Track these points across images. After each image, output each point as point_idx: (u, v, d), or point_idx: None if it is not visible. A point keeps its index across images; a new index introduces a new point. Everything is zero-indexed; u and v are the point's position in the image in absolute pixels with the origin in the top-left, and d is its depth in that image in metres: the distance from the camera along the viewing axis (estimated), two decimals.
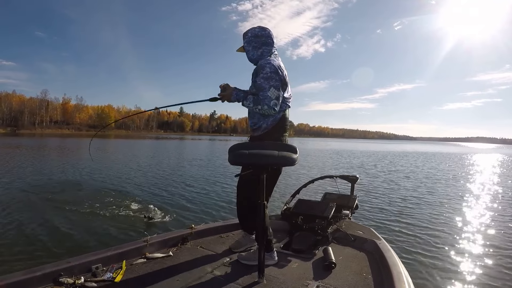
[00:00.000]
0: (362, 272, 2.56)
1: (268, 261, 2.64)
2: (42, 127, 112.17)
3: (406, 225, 6.96)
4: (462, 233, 6.56)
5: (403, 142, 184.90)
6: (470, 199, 10.26)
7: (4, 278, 1.98)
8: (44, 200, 7.94)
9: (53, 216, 6.58)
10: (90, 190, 9.50)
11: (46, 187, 9.59)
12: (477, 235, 6.50)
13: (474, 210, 8.71)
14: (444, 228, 6.86)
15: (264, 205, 2.32)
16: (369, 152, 42.02)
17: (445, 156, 39.36)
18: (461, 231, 6.73)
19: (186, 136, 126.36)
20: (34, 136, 62.57)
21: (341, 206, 3.75)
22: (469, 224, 7.27)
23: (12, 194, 8.50)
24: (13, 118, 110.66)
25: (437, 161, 28.46)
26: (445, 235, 6.44)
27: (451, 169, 20.88)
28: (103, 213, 6.94)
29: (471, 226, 7.08)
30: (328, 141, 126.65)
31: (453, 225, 7.15)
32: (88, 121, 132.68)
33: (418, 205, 9.16)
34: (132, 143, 45.42)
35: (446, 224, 7.19)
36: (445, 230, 6.76)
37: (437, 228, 6.88)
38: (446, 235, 6.44)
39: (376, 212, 8.03)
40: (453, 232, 6.61)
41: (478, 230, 6.85)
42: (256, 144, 2.53)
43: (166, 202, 8.39)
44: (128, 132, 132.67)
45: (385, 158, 29.36)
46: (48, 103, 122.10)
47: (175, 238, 2.95)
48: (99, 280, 2.20)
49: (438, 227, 6.92)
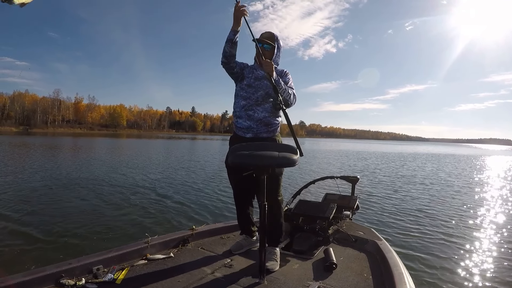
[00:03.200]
0: (363, 273, 2.56)
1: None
2: (54, 126, 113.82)
3: (407, 226, 6.92)
4: (464, 234, 6.48)
5: (416, 144, 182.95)
6: (474, 201, 10.09)
7: (5, 279, 1.99)
8: (45, 201, 7.96)
9: (54, 217, 6.60)
10: (91, 190, 9.51)
11: (46, 188, 9.60)
12: (480, 236, 6.43)
13: (478, 212, 8.57)
14: (446, 229, 6.80)
15: (265, 206, 2.32)
16: (377, 153, 41.68)
17: (456, 158, 38.77)
18: (463, 232, 6.65)
19: (197, 136, 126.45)
20: (46, 135, 63.34)
21: (342, 206, 3.75)
22: (472, 225, 7.17)
23: (13, 194, 8.51)
24: (25, 117, 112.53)
25: (446, 163, 28.03)
26: (447, 235, 6.38)
27: (458, 171, 20.52)
28: (104, 214, 6.99)
29: (474, 228, 6.98)
30: (339, 142, 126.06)
31: (455, 226, 7.07)
32: (100, 120, 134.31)
33: (419, 206, 9.09)
34: (142, 143, 45.55)
35: (447, 225, 7.12)
36: (446, 230, 6.70)
37: (439, 228, 6.82)
38: (447, 235, 6.38)
39: (377, 213, 7.98)
40: (455, 233, 6.55)
41: (481, 231, 6.76)
42: (256, 145, 2.53)
43: (167, 202, 8.38)
44: (140, 132, 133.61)
45: (394, 160, 29.00)
46: (61, 102, 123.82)
47: (176, 239, 2.96)
48: (100, 282, 2.21)
49: (440, 228, 6.86)
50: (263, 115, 2.78)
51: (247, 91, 2.84)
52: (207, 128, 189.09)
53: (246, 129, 2.79)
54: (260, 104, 2.79)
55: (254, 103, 2.79)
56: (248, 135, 2.80)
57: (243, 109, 2.81)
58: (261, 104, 2.79)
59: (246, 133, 2.80)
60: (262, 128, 2.79)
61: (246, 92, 2.84)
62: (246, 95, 2.83)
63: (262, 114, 2.78)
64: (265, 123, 2.79)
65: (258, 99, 2.79)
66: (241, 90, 2.88)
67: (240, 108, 2.84)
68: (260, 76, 2.84)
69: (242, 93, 2.86)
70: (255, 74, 2.87)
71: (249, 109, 2.78)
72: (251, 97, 2.81)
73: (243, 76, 2.90)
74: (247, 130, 2.79)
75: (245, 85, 2.86)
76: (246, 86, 2.85)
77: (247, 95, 2.83)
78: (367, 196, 10.08)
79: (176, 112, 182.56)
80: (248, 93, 2.83)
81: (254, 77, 2.86)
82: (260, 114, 2.78)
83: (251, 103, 2.80)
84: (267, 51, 2.87)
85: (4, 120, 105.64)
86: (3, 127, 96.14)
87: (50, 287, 2.10)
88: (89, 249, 4.82)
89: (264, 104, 2.80)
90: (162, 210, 7.52)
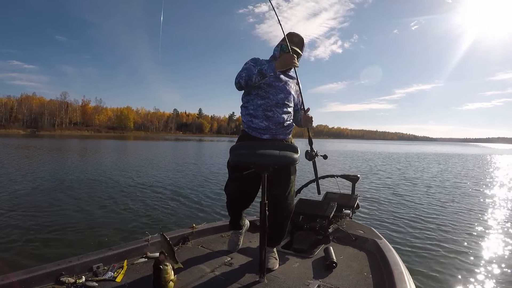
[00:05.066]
0: (363, 272, 2.56)
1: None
2: (61, 129, 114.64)
3: (408, 225, 6.89)
4: (465, 234, 6.42)
5: (423, 143, 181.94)
6: (477, 201, 9.94)
7: (5, 277, 2.00)
8: (45, 200, 8.00)
9: (54, 215, 6.66)
10: (92, 189, 9.57)
11: (47, 187, 9.64)
12: (481, 236, 6.35)
13: (480, 212, 8.44)
14: (446, 228, 6.77)
15: (265, 205, 2.31)
16: (383, 154, 41.50)
17: (463, 157, 38.46)
18: (464, 232, 6.59)
19: (204, 137, 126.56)
20: (53, 137, 63.79)
21: (342, 205, 3.75)
22: (474, 226, 7.08)
23: (14, 194, 8.54)
24: (33, 120, 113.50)
25: (453, 163, 27.83)
26: (447, 234, 6.34)
27: (465, 171, 20.30)
28: (104, 212, 7.03)
29: (475, 228, 6.89)
30: (346, 142, 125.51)
31: (455, 225, 7.02)
32: (107, 122, 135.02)
33: (419, 205, 9.06)
34: (148, 144, 45.71)
35: (448, 224, 7.07)
36: (447, 229, 6.67)
37: (439, 227, 6.78)
38: (448, 235, 6.34)
39: (377, 212, 7.95)
40: (455, 232, 6.52)
41: (483, 232, 6.67)
42: (257, 144, 2.52)
43: (168, 201, 8.41)
44: (147, 133, 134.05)
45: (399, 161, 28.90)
46: (68, 105, 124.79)
47: (176, 237, 2.96)
48: (100, 280, 2.22)
49: (440, 227, 6.82)
50: (283, 117, 2.65)
51: (267, 91, 2.65)
52: (214, 130, 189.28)
53: (263, 129, 2.64)
54: (281, 106, 2.66)
55: (274, 105, 2.64)
56: (265, 136, 2.65)
57: (261, 109, 2.63)
58: (282, 107, 2.66)
59: (263, 134, 2.65)
60: (281, 130, 2.68)
61: (265, 91, 2.65)
62: (265, 95, 2.64)
63: (282, 117, 2.65)
64: (284, 126, 2.69)
65: (279, 102, 2.65)
66: (259, 88, 2.66)
67: (256, 107, 2.64)
68: (282, 77, 2.73)
69: (260, 92, 2.65)
70: (276, 73, 2.69)
71: (268, 109, 2.62)
72: (271, 97, 2.64)
73: None
74: (265, 131, 2.64)
75: (265, 84, 2.66)
76: (266, 86, 2.66)
77: (266, 94, 2.64)
78: (368, 195, 10.05)
79: (183, 114, 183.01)
80: (267, 93, 2.65)
81: (276, 76, 2.70)
82: (280, 116, 2.64)
83: (270, 103, 2.63)
84: None
85: (12, 122, 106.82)
86: (10, 129, 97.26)
87: (50, 285, 2.11)
88: (89, 247, 4.84)
89: (284, 107, 2.67)
90: (163, 208, 7.55)
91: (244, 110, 2.72)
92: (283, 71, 2.74)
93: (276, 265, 2.58)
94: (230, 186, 2.82)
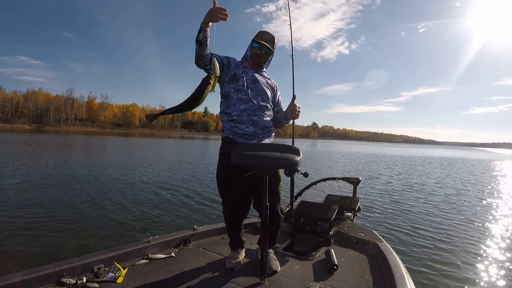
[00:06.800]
0: (364, 274, 2.57)
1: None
2: (67, 125, 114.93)
3: (409, 228, 6.90)
4: (466, 238, 6.44)
5: (428, 147, 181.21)
6: (479, 206, 9.96)
7: (6, 277, 2.00)
8: (46, 200, 7.95)
9: (55, 215, 6.63)
10: (93, 189, 9.53)
11: (48, 187, 9.54)
12: (482, 240, 6.38)
13: (482, 217, 8.47)
14: (448, 231, 6.79)
15: (267, 207, 2.31)
16: (388, 156, 41.33)
17: (468, 162, 38.26)
18: (465, 235, 6.60)
19: (209, 136, 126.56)
20: (59, 133, 64.02)
21: (344, 208, 3.76)
22: (474, 229, 7.11)
23: (15, 194, 8.46)
24: (38, 115, 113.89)
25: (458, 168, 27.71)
26: (448, 238, 6.37)
27: (469, 176, 20.25)
28: (105, 213, 7.01)
29: (476, 232, 6.92)
30: (351, 144, 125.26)
31: (456, 228, 7.06)
32: (113, 119, 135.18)
33: (421, 208, 9.09)
34: (153, 142, 45.67)
35: (450, 228, 7.08)
36: (448, 233, 6.69)
37: (441, 231, 6.80)
38: (449, 238, 6.37)
39: (379, 215, 7.95)
40: (456, 235, 6.54)
41: (484, 236, 6.70)
42: (259, 146, 2.51)
43: (169, 202, 8.39)
44: (152, 131, 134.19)
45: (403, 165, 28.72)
46: (74, 101, 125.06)
47: (177, 239, 2.97)
48: (101, 281, 2.23)
49: (442, 230, 6.84)
50: (267, 120, 2.64)
51: (247, 94, 2.58)
52: (219, 129, 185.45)
53: (250, 135, 2.57)
54: (264, 109, 2.62)
55: (258, 108, 2.59)
56: (252, 141, 2.58)
57: (245, 114, 2.56)
58: (264, 109, 2.63)
59: (249, 140, 2.58)
60: (267, 134, 2.67)
61: (246, 94, 2.58)
62: (247, 98, 2.57)
63: (266, 120, 2.63)
64: (269, 129, 2.69)
65: (261, 104, 2.61)
66: (239, 92, 2.58)
67: (240, 112, 2.56)
68: (255, 78, 2.66)
69: (241, 96, 2.57)
70: (250, 75, 2.64)
71: (253, 114, 2.57)
72: (254, 101, 2.58)
73: (236, 75, 2.61)
74: (251, 136, 2.58)
75: (243, 86, 2.58)
76: (245, 88, 2.58)
77: (248, 97, 2.57)
78: (369, 198, 10.05)
79: (188, 112, 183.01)
80: (248, 95, 2.58)
81: (251, 78, 2.63)
82: (265, 120, 2.62)
83: (254, 107, 2.57)
84: (263, 55, 2.66)
85: (17, 117, 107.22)
86: (16, 124, 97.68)
87: (51, 285, 2.12)
88: (90, 248, 4.86)
89: (266, 110, 2.64)
90: (164, 210, 7.54)
91: (226, 116, 2.63)
92: (258, 71, 2.73)
93: (277, 267, 2.58)
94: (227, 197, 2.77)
